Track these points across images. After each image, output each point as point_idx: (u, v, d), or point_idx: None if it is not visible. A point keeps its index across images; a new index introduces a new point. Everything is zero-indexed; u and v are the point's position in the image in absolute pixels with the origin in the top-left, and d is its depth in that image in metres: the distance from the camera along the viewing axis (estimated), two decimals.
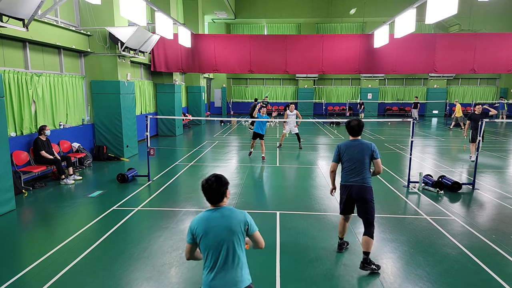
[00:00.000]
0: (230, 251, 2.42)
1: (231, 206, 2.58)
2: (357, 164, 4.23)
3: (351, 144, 4.31)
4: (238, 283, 2.42)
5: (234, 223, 2.45)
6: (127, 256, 4.60)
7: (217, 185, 2.52)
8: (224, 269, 2.41)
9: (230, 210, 2.54)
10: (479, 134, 7.78)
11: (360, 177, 4.24)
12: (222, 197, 2.54)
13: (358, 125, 4.28)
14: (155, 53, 14.23)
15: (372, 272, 4.21)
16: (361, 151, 4.22)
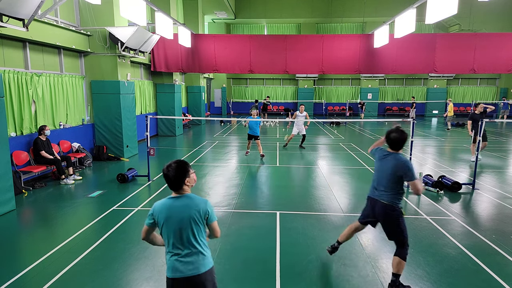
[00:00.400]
0: (190, 238, 2.52)
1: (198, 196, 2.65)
2: (385, 178, 3.80)
3: (387, 155, 3.87)
4: (199, 267, 2.53)
5: (194, 212, 2.52)
6: (127, 256, 4.60)
7: (177, 172, 2.53)
8: (185, 254, 2.52)
9: (191, 198, 2.57)
10: (479, 134, 7.77)
11: (386, 194, 3.81)
12: (181, 186, 2.55)
13: (400, 139, 3.74)
14: (155, 53, 14.23)
15: (372, 272, 4.21)
16: (393, 167, 3.73)
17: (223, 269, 4.28)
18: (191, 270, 2.52)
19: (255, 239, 5.17)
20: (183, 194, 2.59)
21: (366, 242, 5.05)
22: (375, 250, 4.81)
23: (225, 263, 4.42)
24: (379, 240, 5.13)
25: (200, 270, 2.54)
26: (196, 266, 2.53)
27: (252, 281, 4.04)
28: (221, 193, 7.36)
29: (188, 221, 2.51)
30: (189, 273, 2.51)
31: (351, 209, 6.44)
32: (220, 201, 6.86)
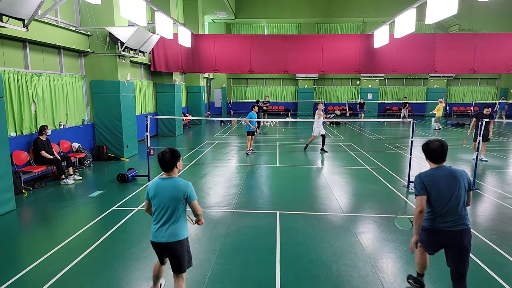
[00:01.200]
0: (171, 212, 3.16)
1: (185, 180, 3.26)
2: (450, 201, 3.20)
3: (438, 174, 3.28)
4: (175, 236, 3.17)
5: (176, 192, 3.16)
6: (127, 256, 4.60)
7: (169, 157, 3.20)
8: (165, 224, 3.18)
9: (176, 181, 3.21)
10: (479, 134, 7.77)
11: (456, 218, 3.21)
12: (173, 167, 3.23)
13: (442, 147, 3.29)
14: (155, 53, 14.23)
15: (372, 272, 4.21)
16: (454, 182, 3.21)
17: (223, 269, 4.28)
18: (168, 237, 3.16)
19: (255, 239, 5.17)
20: (172, 176, 3.24)
21: (366, 242, 5.05)
22: (375, 250, 4.81)
23: (225, 263, 4.42)
24: (379, 240, 5.13)
25: (175, 238, 3.17)
26: (172, 234, 3.16)
27: (252, 281, 4.04)
28: (221, 193, 7.36)
29: (171, 199, 3.14)
30: (165, 239, 3.17)
31: (351, 209, 6.44)
32: (220, 201, 6.87)
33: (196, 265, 4.38)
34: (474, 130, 10.75)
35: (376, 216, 6.09)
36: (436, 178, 3.26)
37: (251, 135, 11.71)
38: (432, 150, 3.31)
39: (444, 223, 3.22)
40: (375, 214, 6.16)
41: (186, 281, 4.05)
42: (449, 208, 3.20)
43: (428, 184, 3.25)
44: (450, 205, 3.20)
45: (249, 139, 11.68)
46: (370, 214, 6.20)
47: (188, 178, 8.80)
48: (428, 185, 3.25)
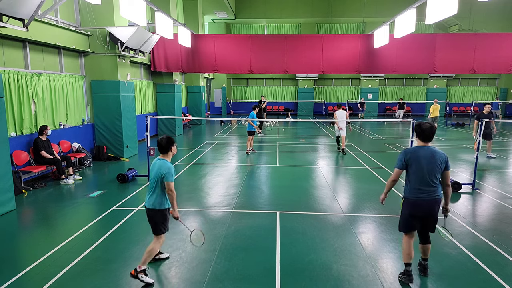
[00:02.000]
0: (155, 185, 3.98)
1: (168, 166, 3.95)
2: (430, 175, 3.80)
3: (421, 151, 3.84)
4: (153, 205, 4.01)
5: (159, 171, 3.94)
6: (127, 256, 4.60)
7: (165, 142, 4.03)
8: (151, 194, 4.04)
9: (163, 162, 3.99)
10: (479, 134, 7.77)
11: (430, 190, 3.82)
12: (167, 151, 4.06)
13: (431, 129, 3.84)
14: (155, 53, 14.23)
15: (372, 272, 4.21)
16: (432, 161, 3.79)
17: (223, 269, 4.28)
18: (149, 204, 4.03)
19: (255, 239, 5.17)
20: (164, 158, 4.04)
21: (366, 242, 5.05)
22: (375, 250, 4.82)
23: (225, 263, 4.42)
24: (379, 240, 5.13)
25: (153, 206, 4.01)
26: (153, 203, 4.01)
27: (252, 281, 4.04)
28: (221, 193, 7.36)
29: (155, 175, 3.97)
30: (147, 205, 4.06)
31: (351, 209, 6.44)
32: (220, 201, 6.86)
33: (196, 265, 4.38)
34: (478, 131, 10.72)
35: (376, 216, 6.09)
36: (418, 155, 3.83)
37: (252, 135, 11.73)
38: (423, 130, 3.84)
39: (421, 194, 3.84)
40: (375, 214, 6.16)
41: (186, 281, 4.04)
42: (425, 182, 3.81)
43: (408, 159, 3.86)
44: (426, 179, 3.80)
45: (250, 139, 11.69)
46: (370, 214, 6.20)
47: (188, 178, 8.85)
48: (408, 160, 3.86)
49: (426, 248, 4.10)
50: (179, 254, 4.66)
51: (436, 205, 3.87)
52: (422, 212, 3.87)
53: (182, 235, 5.25)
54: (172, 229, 5.48)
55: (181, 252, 4.72)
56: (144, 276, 3.91)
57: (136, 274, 3.90)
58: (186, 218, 5.98)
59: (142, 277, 3.90)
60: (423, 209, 3.86)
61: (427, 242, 4.09)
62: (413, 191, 3.87)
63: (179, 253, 4.70)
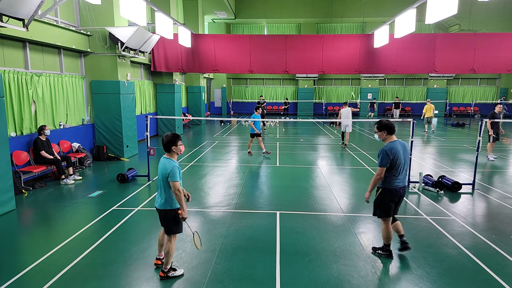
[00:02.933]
0: (160, 185, 3.98)
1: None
2: (405, 165, 4.38)
3: (398, 145, 4.30)
4: (162, 204, 4.01)
5: (163, 170, 3.91)
6: (127, 256, 4.60)
7: (168, 140, 3.96)
8: (159, 194, 4.06)
9: (167, 160, 3.95)
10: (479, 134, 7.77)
11: (405, 177, 4.46)
12: (169, 149, 3.98)
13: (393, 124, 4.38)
14: (155, 53, 14.23)
15: (372, 272, 4.21)
16: (406, 151, 4.37)
17: (223, 269, 4.28)
18: (159, 204, 4.04)
19: (255, 239, 5.17)
20: (168, 157, 4.00)
21: (366, 242, 5.05)
22: None
23: (225, 263, 4.42)
24: (379, 240, 5.13)
25: (162, 206, 4.01)
26: (161, 203, 4.01)
27: (252, 281, 4.04)
28: (221, 193, 7.36)
29: (161, 175, 3.94)
30: (157, 205, 4.07)
31: (351, 209, 6.44)
32: (220, 201, 6.86)
33: (196, 265, 4.38)
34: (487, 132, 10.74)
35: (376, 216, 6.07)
36: (396, 150, 4.25)
37: (256, 137, 11.35)
38: (390, 125, 4.34)
39: (399, 182, 4.35)
40: None
41: (186, 281, 4.05)
42: (403, 171, 4.36)
43: (393, 156, 4.23)
44: (403, 169, 4.35)
45: (251, 141, 11.54)
46: (370, 214, 6.18)
47: (189, 179, 8.85)
48: (393, 157, 4.23)
49: (398, 225, 4.60)
50: (179, 254, 4.66)
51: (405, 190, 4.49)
52: (399, 197, 4.41)
53: (182, 235, 5.24)
54: None
55: (181, 252, 4.72)
56: (174, 272, 4.12)
57: (166, 275, 4.06)
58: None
59: (173, 274, 4.10)
60: (401, 195, 4.40)
61: (396, 220, 4.60)
62: (393, 181, 4.32)
63: (179, 253, 4.70)
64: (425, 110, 17.24)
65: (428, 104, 17.27)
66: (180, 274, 4.14)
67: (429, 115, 17.12)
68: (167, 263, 4.07)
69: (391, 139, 4.35)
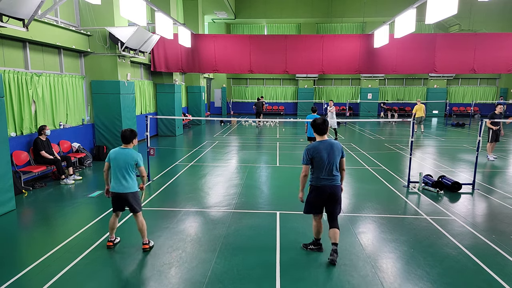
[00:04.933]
0: (123, 172, 4.56)
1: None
2: (330, 165, 4.30)
3: (321, 145, 4.32)
4: (125, 188, 4.59)
5: (128, 158, 4.56)
6: (127, 256, 4.60)
7: (129, 133, 4.62)
8: (118, 180, 4.59)
9: (131, 150, 4.62)
10: (479, 134, 7.77)
11: (332, 177, 4.33)
12: (130, 141, 4.65)
13: (325, 123, 4.36)
14: (155, 53, 14.23)
15: (372, 272, 4.21)
16: (332, 151, 4.30)
17: (222, 269, 4.28)
18: (121, 189, 4.58)
19: (255, 239, 5.17)
20: (127, 147, 4.64)
21: (366, 242, 5.05)
22: (375, 250, 4.81)
23: (225, 263, 4.42)
24: (379, 240, 5.13)
25: (125, 190, 4.58)
26: (124, 187, 4.58)
27: (252, 281, 4.04)
28: (221, 193, 7.36)
29: (125, 162, 4.54)
30: (119, 190, 4.59)
31: (351, 209, 6.44)
32: (220, 201, 6.86)
33: (196, 265, 4.38)
34: (487, 132, 10.71)
35: (376, 216, 6.09)
36: (319, 149, 4.29)
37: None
38: (318, 125, 4.34)
39: (324, 181, 4.33)
40: (375, 214, 6.16)
41: (186, 281, 4.05)
42: (327, 170, 4.31)
43: (312, 155, 4.29)
44: (328, 168, 4.30)
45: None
46: (370, 214, 6.20)
47: (188, 179, 8.84)
48: (312, 155, 4.30)
49: (334, 232, 4.43)
50: (179, 254, 4.66)
51: (337, 190, 4.36)
52: (325, 195, 4.34)
53: (182, 235, 5.25)
54: (172, 229, 5.49)
55: (181, 252, 4.72)
56: (151, 242, 4.86)
57: (148, 246, 4.75)
58: (186, 218, 5.98)
59: (152, 243, 4.84)
60: (326, 193, 4.33)
61: (334, 226, 4.45)
62: (318, 180, 4.33)
63: (179, 253, 4.70)
64: (415, 110, 17.23)
65: (418, 104, 17.24)
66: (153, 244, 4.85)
67: (419, 115, 17.12)
68: (145, 236, 4.75)
69: (319, 138, 4.38)
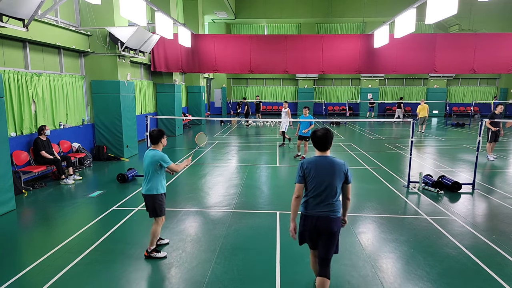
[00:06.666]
0: (147, 172, 4.45)
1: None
2: (328, 190, 3.28)
3: (319, 161, 3.35)
4: (149, 190, 4.46)
5: (152, 159, 4.41)
6: (127, 256, 4.60)
7: (156, 133, 4.47)
8: (146, 182, 4.48)
9: (156, 152, 4.45)
10: (479, 134, 7.77)
11: (329, 206, 3.29)
12: (158, 142, 4.50)
13: (326, 136, 3.33)
14: (155, 53, 14.23)
15: (372, 272, 4.21)
16: (333, 172, 3.28)
17: (223, 269, 4.28)
18: (145, 191, 4.48)
19: (255, 239, 5.17)
20: (155, 148, 4.49)
21: (366, 242, 5.05)
22: (375, 250, 4.82)
23: (225, 263, 4.42)
24: (379, 240, 5.13)
25: (148, 192, 4.46)
26: (147, 189, 4.46)
27: (252, 281, 4.04)
28: (221, 193, 7.36)
29: (150, 163, 4.41)
30: (143, 191, 4.50)
31: (351, 209, 6.44)
32: (220, 201, 6.86)
33: (196, 265, 4.38)
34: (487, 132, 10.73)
35: (376, 216, 6.09)
36: (316, 166, 3.31)
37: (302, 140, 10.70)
38: (317, 137, 3.35)
39: (316, 208, 3.30)
40: (375, 214, 6.16)
41: (186, 281, 4.05)
42: (322, 196, 3.28)
43: (307, 172, 3.32)
44: (325, 193, 3.27)
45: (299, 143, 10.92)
46: (370, 214, 6.20)
47: (188, 179, 8.84)
48: (307, 172, 3.32)
49: (321, 283, 3.32)
50: (179, 254, 4.66)
51: (332, 224, 3.28)
52: (315, 229, 3.32)
53: (182, 235, 5.25)
54: (173, 229, 5.49)
55: (181, 252, 4.72)
56: (156, 253, 4.52)
57: (149, 255, 4.49)
58: (186, 218, 5.98)
59: (155, 254, 4.51)
60: (317, 226, 3.30)
61: (323, 275, 3.32)
62: (308, 206, 3.34)
63: (179, 253, 4.70)
64: (419, 110, 17.33)
65: (422, 104, 17.32)
66: (162, 257, 4.52)
67: (423, 115, 17.19)
68: (152, 242, 4.51)
69: (318, 153, 3.39)
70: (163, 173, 4.54)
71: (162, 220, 4.58)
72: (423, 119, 17.15)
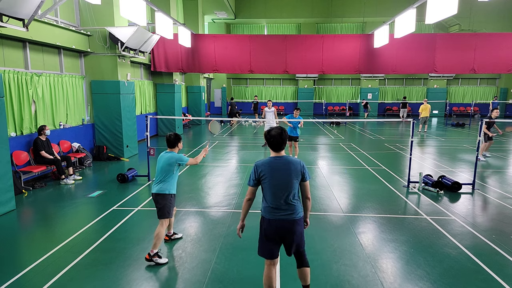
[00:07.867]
0: (161, 172, 4.54)
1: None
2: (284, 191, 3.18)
3: (274, 162, 3.22)
4: (159, 189, 4.50)
5: (168, 159, 4.52)
6: (127, 256, 4.60)
7: (173, 138, 4.64)
8: (158, 182, 4.54)
9: (172, 154, 4.59)
10: (479, 135, 7.77)
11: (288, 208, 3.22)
12: (175, 146, 4.65)
13: (281, 136, 3.19)
14: (155, 53, 14.23)
15: (372, 272, 4.21)
16: (289, 173, 3.18)
17: (223, 269, 4.28)
18: (157, 190, 4.50)
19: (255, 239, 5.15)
20: (171, 151, 4.62)
21: (366, 242, 5.05)
22: (375, 250, 4.81)
23: (225, 263, 4.42)
24: (379, 240, 5.13)
25: (162, 191, 4.48)
26: (160, 189, 4.48)
27: (252, 281, 4.04)
28: (221, 193, 7.36)
29: (167, 164, 4.50)
30: (156, 191, 4.51)
31: (351, 209, 6.44)
32: (220, 201, 6.86)
33: (196, 265, 4.38)
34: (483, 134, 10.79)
35: (376, 216, 6.09)
36: (271, 168, 3.19)
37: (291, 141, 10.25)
38: (272, 137, 3.21)
39: (277, 212, 3.21)
40: (375, 214, 6.16)
41: (186, 281, 4.05)
42: (281, 198, 3.18)
43: (263, 174, 3.20)
44: (284, 195, 3.18)
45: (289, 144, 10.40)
46: (370, 214, 6.20)
47: (188, 179, 8.84)
48: (263, 175, 3.20)
49: (303, 272, 3.43)
50: (179, 254, 4.66)
51: (296, 226, 3.23)
52: (280, 235, 3.27)
53: (182, 235, 5.25)
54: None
55: (181, 252, 4.72)
56: (158, 259, 4.38)
57: (150, 258, 4.37)
58: (186, 218, 5.98)
59: (156, 259, 4.37)
60: (279, 230, 3.24)
61: (303, 265, 3.43)
62: (268, 210, 3.25)
63: (179, 253, 4.70)
64: (421, 109, 17.32)
65: (424, 104, 17.34)
66: (163, 263, 4.40)
67: (425, 115, 17.19)
68: (155, 245, 4.39)
69: (273, 154, 3.26)
70: (177, 174, 4.65)
71: (167, 222, 4.56)
72: (424, 119, 17.16)
